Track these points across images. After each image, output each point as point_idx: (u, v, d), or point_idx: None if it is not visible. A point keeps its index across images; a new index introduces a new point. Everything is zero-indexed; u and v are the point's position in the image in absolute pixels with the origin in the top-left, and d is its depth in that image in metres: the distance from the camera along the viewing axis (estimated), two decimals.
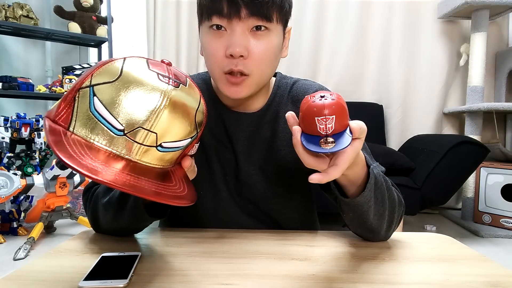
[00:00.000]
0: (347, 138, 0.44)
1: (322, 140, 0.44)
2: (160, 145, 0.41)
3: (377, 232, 0.61)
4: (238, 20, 0.56)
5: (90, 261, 0.50)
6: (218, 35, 0.58)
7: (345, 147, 0.43)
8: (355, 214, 0.58)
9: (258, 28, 0.58)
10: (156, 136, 0.40)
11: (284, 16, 0.61)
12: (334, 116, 0.43)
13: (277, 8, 0.58)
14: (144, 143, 0.39)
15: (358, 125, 0.45)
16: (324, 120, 0.43)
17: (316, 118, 0.44)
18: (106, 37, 2.47)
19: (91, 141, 0.38)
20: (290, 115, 0.47)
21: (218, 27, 0.58)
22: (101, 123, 0.38)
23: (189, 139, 0.44)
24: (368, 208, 0.56)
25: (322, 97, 0.44)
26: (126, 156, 0.39)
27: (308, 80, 0.76)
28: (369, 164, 0.55)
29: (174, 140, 0.42)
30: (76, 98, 0.39)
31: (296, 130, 0.46)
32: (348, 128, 0.45)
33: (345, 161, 0.45)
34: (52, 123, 0.39)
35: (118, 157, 0.38)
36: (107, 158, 0.38)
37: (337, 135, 0.44)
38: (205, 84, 0.72)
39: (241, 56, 0.57)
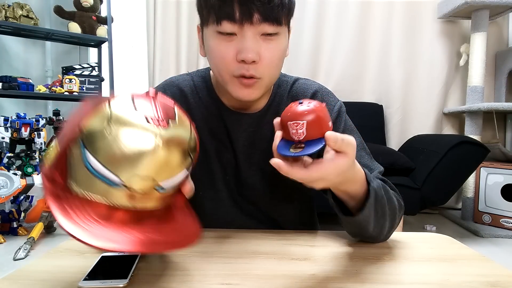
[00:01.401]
0: (318, 145, 0.43)
1: (293, 145, 0.44)
2: (159, 186, 0.40)
3: (377, 238, 0.62)
4: (250, 25, 0.55)
5: (90, 261, 0.50)
6: (228, 39, 0.57)
7: (309, 153, 0.42)
8: (354, 228, 0.59)
9: (268, 33, 0.57)
10: (154, 179, 0.39)
11: (290, 18, 0.61)
12: (305, 122, 0.43)
13: (286, 11, 0.58)
14: (142, 190, 0.39)
15: (335, 134, 0.43)
16: (295, 125, 0.43)
17: (288, 122, 0.44)
18: (106, 37, 2.46)
19: (90, 196, 0.38)
20: (276, 121, 0.48)
21: (229, 33, 0.56)
22: (97, 177, 0.37)
23: (185, 170, 0.44)
24: (368, 224, 0.56)
25: (300, 103, 0.45)
26: (127, 206, 0.39)
27: (309, 80, 0.75)
28: (369, 181, 0.54)
29: (171, 177, 0.41)
30: (69, 152, 0.38)
31: (277, 135, 0.46)
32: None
33: (317, 170, 0.43)
34: (49, 181, 0.38)
35: (119, 209, 0.38)
36: (108, 211, 0.38)
37: (311, 142, 0.44)
38: (205, 82, 0.72)
39: (253, 61, 0.56)
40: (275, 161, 0.43)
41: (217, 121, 0.70)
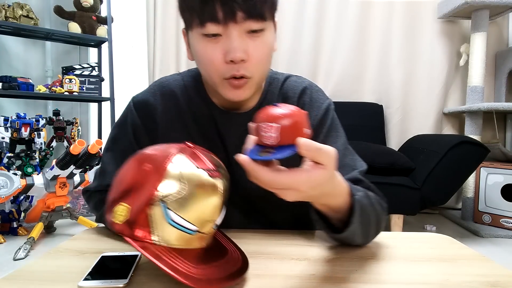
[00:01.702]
0: (289, 152, 0.39)
1: (263, 149, 0.41)
2: (215, 224, 0.48)
3: (362, 245, 0.61)
4: (234, 23, 0.54)
5: (90, 261, 0.50)
6: (214, 41, 0.56)
7: (276, 157, 0.39)
8: (339, 241, 0.59)
9: (254, 30, 0.56)
10: (214, 221, 0.47)
11: (274, 12, 0.60)
12: (277, 125, 0.40)
13: (269, 5, 0.57)
14: (208, 232, 0.47)
15: (309, 142, 0.39)
16: (267, 128, 0.40)
17: (260, 124, 0.41)
18: (106, 37, 2.47)
19: (174, 245, 0.44)
20: (251, 125, 0.45)
21: (214, 34, 0.56)
22: (178, 229, 0.44)
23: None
24: (354, 237, 0.55)
25: (276, 106, 0.42)
26: (199, 246, 0.46)
27: (300, 77, 0.75)
28: (353, 193, 0.51)
29: (222, 214, 0.49)
30: (150, 214, 0.43)
31: (249, 139, 0.44)
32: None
33: (287, 177, 0.40)
34: (131, 237, 0.43)
35: (196, 249, 0.46)
36: (187, 255, 0.44)
37: (282, 147, 0.40)
38: (195, 82, 0.71)
39: (242, 60, 0.56)
40: (240, 156, 0.41)
41: (208, 121, 0.69)
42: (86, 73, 2.53)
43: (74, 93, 2.33)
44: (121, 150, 0.71)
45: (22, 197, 2.05)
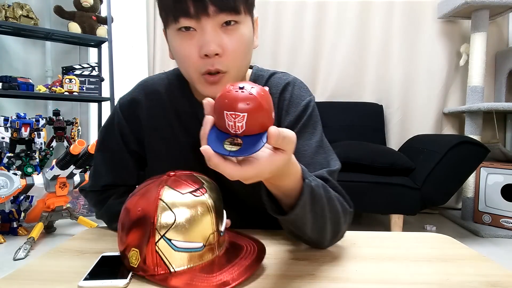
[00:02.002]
0: (259, 144, 0.37)
1: (229, 139, 0.38)
2: (221, 231, 0.50)
3: (318, 243, 0.59)
4: (207, 17, 0.55)
5: (90, 261, 0.50)
6: (189, 36, 0.57)
7: (250, 153, 0.37)
8: (289, 227, 0.57)
9: (228, 23, 0.56)
10: (218, 229, 0.49)
11: (250, 6, 0.60)
12: (246, 114, 0.37)
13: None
14: (215, 241, 0.49)
15: (278, 132, 0.38)
16: (233, 116, 0.37)
17: (225, 112, 0.37)
18: (106, 37, 2.46)
19: (190, 266, 0.46)
20: (206, 102, 0.42)
21: (187, 28, 0.56)
22: (188, 252, 0.47)
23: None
24: (303, 224, 0.53)
25: (241, 88, 0.38)
26: (214, 256, 0.49)
27: (285, 73, 0.74)
28: (305, 177, 0.50)
29: (222, 221, 0.52)
30: (157, 250, 0.45)
31: (207, 120, 0.41)
32: (266, 132, 0.37)
33: (252, 168, 0.40)
34: (150, 275, 0.46)
35: (210, 261, 0.48)
36: (205, 267, 0.47)
37: (250, 137, 0.38)
38: (178, 80, 0.71)
39: (216, 54, 0.56)
40: (206, 150, 0.39)
41: (191, 119, 0.69)
42: (86, 73, 2.53)
43: (74, 93, 2.33)
44: (110, 151, 0.73)
45: (22, 197, 2.05)
